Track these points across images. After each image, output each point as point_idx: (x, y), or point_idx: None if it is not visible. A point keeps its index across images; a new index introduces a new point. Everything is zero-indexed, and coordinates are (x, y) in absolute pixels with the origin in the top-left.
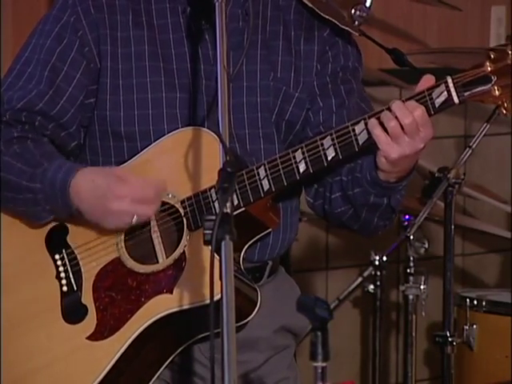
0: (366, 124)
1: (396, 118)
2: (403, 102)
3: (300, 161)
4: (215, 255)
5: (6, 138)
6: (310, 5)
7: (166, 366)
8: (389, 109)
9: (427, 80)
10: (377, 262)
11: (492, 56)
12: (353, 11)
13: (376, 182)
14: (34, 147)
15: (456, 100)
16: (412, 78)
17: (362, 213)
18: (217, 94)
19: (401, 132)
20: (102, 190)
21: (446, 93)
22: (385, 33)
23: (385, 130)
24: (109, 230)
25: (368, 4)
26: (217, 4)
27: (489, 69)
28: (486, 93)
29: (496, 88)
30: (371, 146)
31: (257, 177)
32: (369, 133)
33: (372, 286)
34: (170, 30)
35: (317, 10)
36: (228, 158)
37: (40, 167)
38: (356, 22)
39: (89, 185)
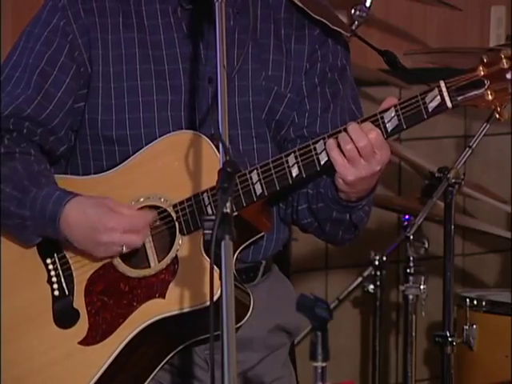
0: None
1: (352, 140)
2: (359, 123)
3: (293, 165)
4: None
5: None
6: (300, 4)
7: (159, 370)
8: (346, 130)
9: (389, 101)
10: (377, 262)
11: (485, 60)
12: (353, 11)
13: (336, 200)
14: (21, 167)
15: (449, 104)
16: (412, 79)
17: (326, 226)
18: (211, 95)
19: (357, 155)
20: (93, 222)
21: (439, 97)
22: (385, 33)
23: (342, 151)
24: None
25: (368, 4)
26: (217, 4)
27: (482, 73)
28: (479, 97)
29: (489, 92)
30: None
31: (249, 181)
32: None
33: (372, 286)
34: (161, 31)
35: (307, 10)
36: (228, 157)
37: (28, 193)
38: (356, 22)
39: (80, 216)
